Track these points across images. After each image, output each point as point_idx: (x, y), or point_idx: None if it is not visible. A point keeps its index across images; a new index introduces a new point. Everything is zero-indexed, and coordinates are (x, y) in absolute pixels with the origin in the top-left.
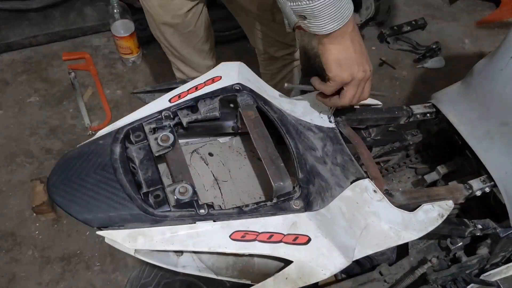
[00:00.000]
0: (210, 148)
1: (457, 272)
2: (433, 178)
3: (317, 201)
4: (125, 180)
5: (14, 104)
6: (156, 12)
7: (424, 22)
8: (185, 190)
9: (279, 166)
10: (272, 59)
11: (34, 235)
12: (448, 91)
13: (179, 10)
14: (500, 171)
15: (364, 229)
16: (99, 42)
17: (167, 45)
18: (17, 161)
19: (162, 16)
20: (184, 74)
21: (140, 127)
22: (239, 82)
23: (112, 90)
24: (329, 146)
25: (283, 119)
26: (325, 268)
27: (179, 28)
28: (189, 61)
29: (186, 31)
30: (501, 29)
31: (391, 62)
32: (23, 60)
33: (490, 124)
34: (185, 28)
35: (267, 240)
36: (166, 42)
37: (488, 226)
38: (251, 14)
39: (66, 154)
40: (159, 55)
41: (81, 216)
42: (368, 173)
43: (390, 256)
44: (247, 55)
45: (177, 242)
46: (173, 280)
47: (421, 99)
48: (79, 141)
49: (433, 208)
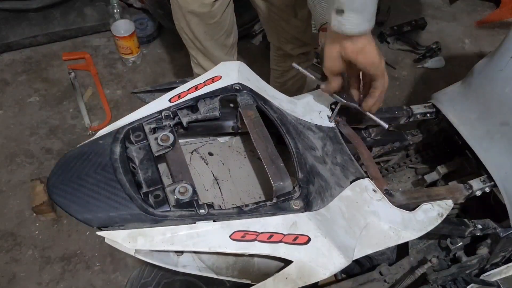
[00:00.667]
0: (210, 148)
1: (457, 272)
2: (433, 178)
3: (317, 201)
4: (125, 180)
5: (14, 104)
6: (184, 0)
7: (424, 22)
8: (185, 190)
9: (279, 166)
10: (286, 56)
11: (34, 235)
12: (448, 91)
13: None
14: (500, 171)
15: (364, 229)
16: (99, 42)
17: (190, 37)
18: (17, 161)
19: (190, 4)
20: (203, 69)
21: (140, 127)
22: (239, 81)
23: (112, 90)
24: (329, 145)
25: (283, 119)
26: (325, 268)
27: (205, 18)
28: (210, 54)
29: (212, 21)
30: (501, 29)
31: (391, 62)
32: (23, 60)
33: (490, 124)
34: (211, 19)
35: (267, 240)
36: (190, 33)
37: (488, 226)
38: (273, 7)
39: (66, 154)
40: (159, 55)
41: (81, 216)
42: (368, 173)
43: (390, 256)
44: (247, 55)
45: (177, 242)
46: (173, 280)
47: (421, 99)
48: (79, 141)
49: (433, 207)
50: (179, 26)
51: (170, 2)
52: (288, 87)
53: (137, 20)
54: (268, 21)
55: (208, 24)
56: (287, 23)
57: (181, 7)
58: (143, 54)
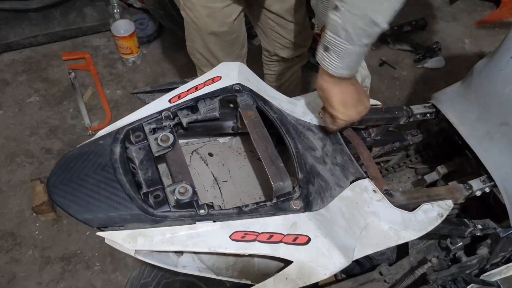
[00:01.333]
0: (210, 148)
1: (457, 272)
2: (433, 178)
3: (317, 201)
4: (125, 180)
5: (14, 104)
6: (204, 22)
7: (424, 22)
8: (185, 190)
9: (279, 166)
10: (280, 61)
11: (34, 235)
12: (448, 91)
13: (228, 17)
14: (500, 171)
15: (363, 229)
16: (99, 42)
17: (207, 56)
18: (17, 161)
19: (210, 26)
20: None
21: (140, 127)
22: (239, 82)
23: (112, 90)
24: (328, 146)
25: (283, 119)
26: (325, 268)
27: (224, 36)
28: None
29: (231, 38)
30: (501, 29)
31: (391, 62)
32: (23, 60)
33: (490, 124)
34: (230, 35)
35: (267, 240)
36: (207, 53)
37: (488, 226)
38: (270, 14)
39: (66, 154)
40: (159, 55)
41: (81, 216)
42: (368, 173)
43: (390, 256)
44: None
45: (177, 242)
46: (173, 280)
47: (421, 99)
48: (79, 141)
49: (433, 207)
50: (193, 47)
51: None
52: (283, 89)
53: (137, 20)
54: (263, 29)
55: (226, 40)
56: (282, 28)
57: (200, 29)
58: (143, 54)
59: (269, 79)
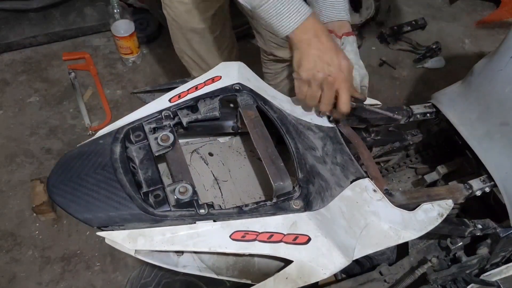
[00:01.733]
0: (210, 148)
1: (457, 272)
2: (433, 178)
3: (317, 200)
4: (125, 180)
5: (14, 104)
6: (183, 19)
7: (424, 22)
8: (185, 190)
9: (279, 166)
10: (277, 60)
11: (34, 235)
12: (448, 91)
13: (205, 13)
14: (500, 171)
15: (364, 229)
16: (99, 42)
17: (194, 58)
18: (17, 161)
19: (190, 22)
20: None
21: (140, 127)
22: (239, 82)
23: (112, 90)
24: (329, 145)
25: (283, 119)
26: (325, 268)
27: (204, 33)
28: None
29: (213, 36)
30: (501, 29)
31: (391, 62)
32: (23, 60)
33: (490, 124)
34: (212, 33)
35: (267, 240)
36: (193, 53)
37: (488, 226)
38: None
39: (66, 154)
40: (159, 55)
41: (81, 216)
42: (368, 173)
43: (390, 256)
44: (247, 55)
45: (177, 242)
46: (173, 280)
47: (421, 99)
48: (79, 141)
49: (433, 207)
50: (180, 48)
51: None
52: (281, 88)
53: (137, 20)
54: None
55: (210, 40)
56: None
57: (180, 27)
58: (143, 54)
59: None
